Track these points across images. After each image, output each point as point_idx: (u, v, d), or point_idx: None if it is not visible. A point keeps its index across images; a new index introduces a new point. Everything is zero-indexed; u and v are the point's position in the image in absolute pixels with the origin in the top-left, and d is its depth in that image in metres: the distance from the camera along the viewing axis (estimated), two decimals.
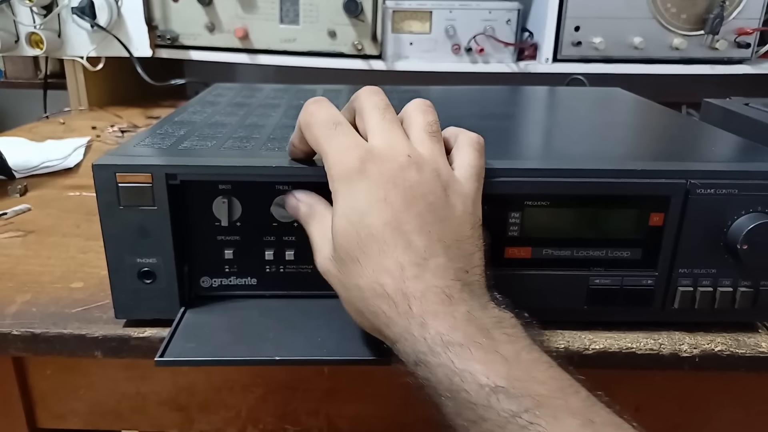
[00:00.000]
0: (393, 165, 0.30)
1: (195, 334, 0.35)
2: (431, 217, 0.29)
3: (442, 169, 0.31)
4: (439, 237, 0.29)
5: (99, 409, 0.43)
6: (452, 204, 0.30)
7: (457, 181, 0.31)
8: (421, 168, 0.30)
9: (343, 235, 0.29)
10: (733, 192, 0.35)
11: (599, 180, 0.35)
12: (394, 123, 0.32)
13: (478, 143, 0.33)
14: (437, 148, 0.32)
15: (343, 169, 0.30)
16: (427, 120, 0.33)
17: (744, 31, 0.89)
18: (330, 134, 0.31)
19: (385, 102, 0.33)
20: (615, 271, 0.37)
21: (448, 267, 0.28)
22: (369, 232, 0.29)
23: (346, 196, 0.30)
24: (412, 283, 0.28)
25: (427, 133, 0.32)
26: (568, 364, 0.37)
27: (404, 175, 0.30)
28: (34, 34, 0.89)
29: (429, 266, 0.28)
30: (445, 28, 0.91)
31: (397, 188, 0.29)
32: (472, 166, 0.32)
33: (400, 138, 0.31)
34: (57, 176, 0.66)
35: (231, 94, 0.58)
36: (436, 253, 0.28)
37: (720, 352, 0.37)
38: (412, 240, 0.28)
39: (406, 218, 0.29)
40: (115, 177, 0.34)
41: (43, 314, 0.38)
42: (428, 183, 0.30)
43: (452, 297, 0.27)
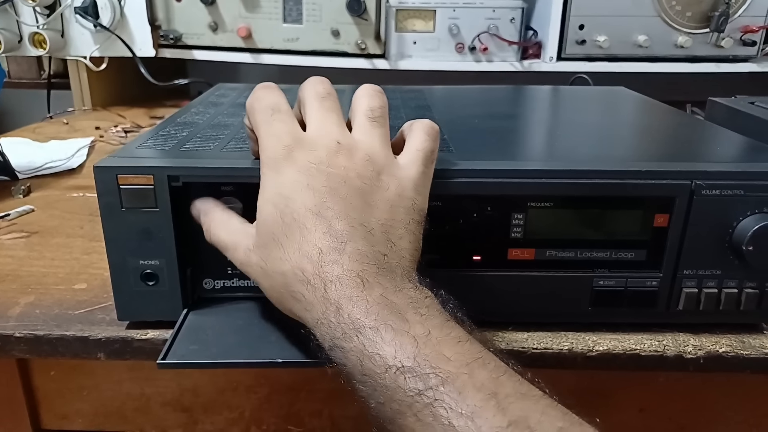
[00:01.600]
0: (321, 152, 0.30)
1: (198, 337, 0.35)
2: (357, 202, 0.29)
3: (377, 153, 0.31)
4: (362, 221, 0.29)
5: (103, 410, 0.43)
6: (385, 187, 0.30)
7: (397, 165, 0.31)
8: (352, 153, 0.30)
9: (268, 220, 0.30)
10: (739, 193, 0.35)
11: (603, 181, 0.35)
12: (331, 111, 0.32)
13: (431, 128, 0.33)
14: (376, 133, 0.32)
15: (272, 155, 0.31)
16: (371, 105, 0.33)
17: (750, 29, 0.89)
18: (267, 120, 0.32)
19: (327, 90, 0.33)
20: (619, 273, 0.37)
21: (366, 251, 0.28)
22: (292, 217, 0.29)
23: (273, 182, 0.30)
24: (329, 268, 0.28)
25: (367, 118, 0.32)
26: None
27: (331, 161, 0.30)
28: (37, 34, 0.89)
29: (346, 250, 0.28)
30: (449, 26, 0.91)
31: (322, 174, 0.30)
32: (419, 150, 0.32)
33: (333, 124, 0.32)
34: (60, 177, 0.67)
35: (234, 94, 0.58)
36: (355, 237, 0.28)
37: (725, 353, 0.37)
38: (332, 225, 0.29)
39: (329, 203, 0.29)
40: (116, 179, 0.34)
41: (47, 316, 0.38)
42: (357, 168, 0.30)
43: (366, 281, 0.27)
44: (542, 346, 0.37)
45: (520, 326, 0.38)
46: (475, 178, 0.35)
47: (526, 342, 0.37)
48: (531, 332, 0.38)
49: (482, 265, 0.36)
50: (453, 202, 0.35)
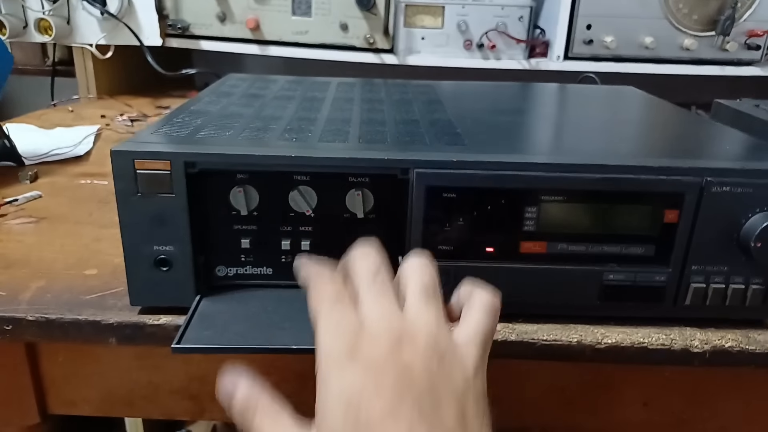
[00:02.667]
0: (383, 344, 0.28)
1: (211, 323, 0.35)
2: (430, 400, 0.27)
3: (439, 337, 0.29)
4: (441, 422, 0.27)
5: (110, 397, 0.43)
6: (452, 377, 0.28)
7: (457, 348, 0.30)
8: (414, 341, 0.28)
9: (340, 427, 0.27)
10: (748, 190, 0.35)
11: (615, 176, 0.35)
12: (386, 291, 0.31)
13: (492, 307, 0.32)
14: (433, 313, 0.30)
15: (334, 351, 0.28)
16: (423, 281, 0.31)
17: (755, 33, 0.89)
18: (329, 309, 0.30)
19: (378, 264, 0.31)
20: (628, 267, 0.37)
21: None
22: (367, 424, 0.26)
23: (338, 380, 0.28)
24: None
25: (422, 296, 0.31)
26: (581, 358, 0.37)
27: (396, 356, 0.28)
28: (42, 20, 0.89)
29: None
30: (458, 23, 0.91)
31: (389, 373, 0.27)
32: (479, 332, 0.30)
33: (389, 310, 0.30)
34: (67, 164, 0.67)
35: (245, 85, 0.58)
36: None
37: (731, 348, 0.37)
38: (413, 430, 0.26)
39: (403, 408, 0.27)
40: (133, 164, 0.34)
41: (58, 300, 0.39)
42: (423, 358, 0.28)
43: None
44: (551, 338, 0.37)
45: (530, 318, 0.39)
46: (490, 170, 0.35)
47: (536, 333, 0.37)
48: (541, 324, 0.38)
49: (495, 257, 0.37)
50: (467, 194, 0.35)
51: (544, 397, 0.43)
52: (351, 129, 0.41)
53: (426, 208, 0.35)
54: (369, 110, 0.48)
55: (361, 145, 0.37)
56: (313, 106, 0.49)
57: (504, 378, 0.43)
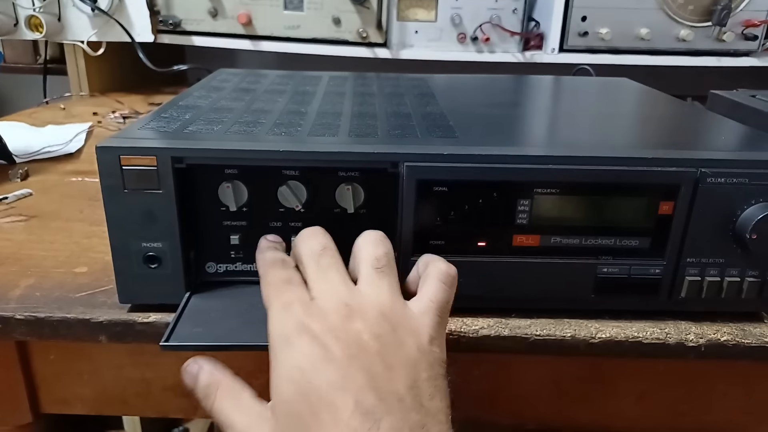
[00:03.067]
0: (332, 317, 0.29)
1: (201, 319, 0.35)
2: (380, 367, 0.28)
3: (391, 307, 0.30)
4: (391, 389, 0.27)
5: (104, 395, 0.43)
6: (404, 344, 0.29)
7: (411, 316, 0.30)
8: (364, 313, 0.29)
9: (290, 401, 0.27)
10: (744, 181, 0.35)
11: (609, 168, 0.35)
12: (332, 268, 0.31)
13: (447, 275, 0.32)
14: (385, 283, 0.31)
15: (282, 327, 0.29)
16: (376, 254, 0.32)
17: (751, 23, 0.89)
18: (278, 290, 0.31)
19: (322, 244, 0.32)
20: (623, 260, 0.37)
21: (404, 425, 0.26)
22: (317, 395, 0.27)
23: (287, 356, 0.28)
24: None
25: (374, 269, 0.31)
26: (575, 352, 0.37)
27: (345, 326, 0.28)
28: (33, 17, 0.88)
29: (382, 427, 0.26)
30: (451, 16, 0.90)
31: (339, 342, 0.28)
32: (433, 300, 0.31)
33: (337, 284, 0.30)
34: (58, 162, 0.66)
35: (236, 79, 0.57)
36: (389, 409, 0.26)
37: (726, 341, 0.37)
38: (360, 399, 0.26)
39: (352, 374, 0.27)
40: (119, 160, 0.34)
41: (47, 298, 0.38)
42: (373, 327, 0.29)
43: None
44: (545, 333, 0.37)
45: (523, 313, 0.38)
46: (481, 163, 0.34)
47: (529, 328, 0.37)
48: (534, 319, 0.38)
49: (487, 251, 0.36)
50: (459, 187, 0.35)
51: (539, 391, 0.43)
52: (341, 123, 0.41)
53: (417, 202, 0.35)
54: (360, 104, 0.47)
55: (351, 138, 0.37)
56: (304, 100, 0.48)
57: (498, 372, 0.42)
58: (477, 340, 0.37)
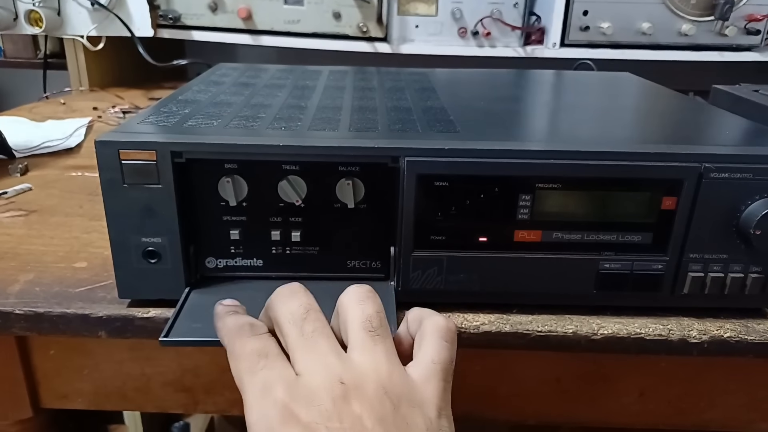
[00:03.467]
0: (325, 400, 0.24)
1: (200, 315, 0.35)
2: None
3: (390, 379, 0.26)
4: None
5: (104, 390, 0.43)
6: (411, 423, 0.25)
7: (414, 387, 0.26)
8: (362, 390, 0.25)
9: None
10: (748, 176, 0.34)
11: (612, 163, 0.34)
12: (318, 334, 0.27)
13: (447, 331, 0.28)
14: (380, 350, 0.26)
15: (261, 416, 0.24)
16: (366, 314, 0.27)
17: (754, 18, 0.88)
18: (252, 369, 0.26)
19: (304, 306, 0.28)
20: (625, 256, 0.36)
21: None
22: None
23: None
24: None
25: (366, 332, 0.27)
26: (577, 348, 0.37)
27: (341, 410, 0.24)
28: (33, 12, 0.88)
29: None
30: (452, 10, 0.90)
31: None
32: (436, 362, 0.27)
33: (327, 355, 0.26)
34: (58, 156, 0.66)
35: (235, 74, 0.57)
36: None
37: (729, 338, 0.37)
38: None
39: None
40: (118, 154, 0.33)
41: (47, 294, 0.38)
42: (375, 407, 0.24)
43: None
44: (546, 329, 0.37)
45: (524, 308, 0.38)
46: (482, 158, 0.34)
47: (531, 324, 0.37)
48: (536, 315, 0.38)
49: (488, 246, 0.36)
50: (460, 182, 0.35)
51: (540, 387, 0.43)
52: (342, 117, 0.40)
53: (417, 197, 0.34)
54: (361, 98, 0.47)
55: (352, 133, 0.37)
56: (303, 95, 0.48)
57: (499, 369, 0.42)
58: (478, 335, 0.37)
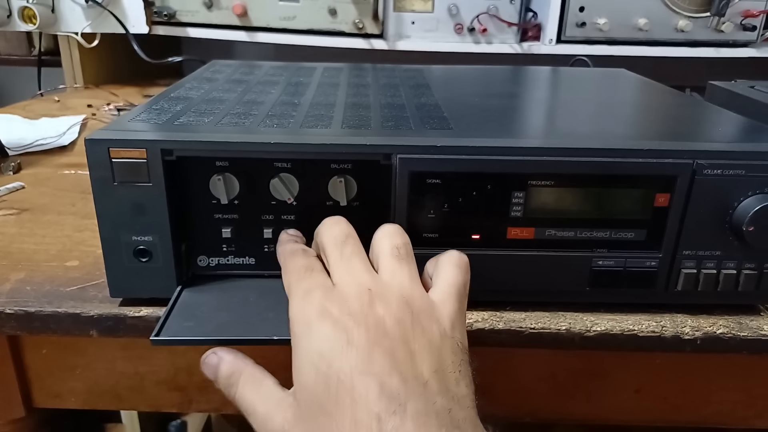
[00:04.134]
0: (354, 303, 0.28)
1: (192, 313, 0.34)
2: (404, 352, 0.27)
3: (413, 293, 0.30)
4: (415, 373, 0.27)
5: (97, 389, 0.43)
6: (427, 330, 0.28)
7: (433, 304, 0.30)
8: (386, 299, 0.29)
9: (311, 386, 0.27)
10: (740, 173, 0.34)
11: (605, 159, 0.34)
12: (355, 255, 0.31)
13: (460, 259, 0.32)
14: (406, 271, 0.31)
15: (302, 311, 0.29)
16: (394, 243, 0.32)
17: (750, 14, 0.88)
18: (299, 277, 0.31)
19: (345, 232, 0.32)
20: (618, 253, 0.36)
21: (429, 410, 0.26)
22: (338, 378, 0.26)
23: (308, 341, 0.28)
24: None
25: (394, 257, 0.31)
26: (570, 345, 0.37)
27: (367, 311, 0.28)
28: (26, 9, 0.87)
29: (408, 412, 0.25)
30: (448, 7, 0.89)
31: (361, 327, 0.27)
32: (451, 284, 0.31)
33: (360, 271, 0.30)
34: (51, 154, 0.65)
35: (229, 70, 0.57)
36: (415, 393, 0.26)
37: (722, 334, 0.37)
38: (385, 383, 0.26)
39: (375, 358, 0.26)
40: (108, 152, 0.33)
41: (38, 293, 0.38)
42: (396, 313, 0.28)
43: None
44: (540, 326, 0.37)
45: (518, 306, 0.38)
46: (475, 155, 0.34)
47: (524, 322, 0.37)
48: (529, 312, 0.37)
49: (481, 243, 0.36)
50: (452, 179, 0.34)
51: (536, 384, 0.43)
52: (335, 114, 0.40)
53: (410, 195, 0.34)
54: (354, 95, 0.47)
55: (344, 130, 0.37)
56: (297, 91, 0.48)
57: (495, 365, 0.42)
58: (471, 333, 0.36)
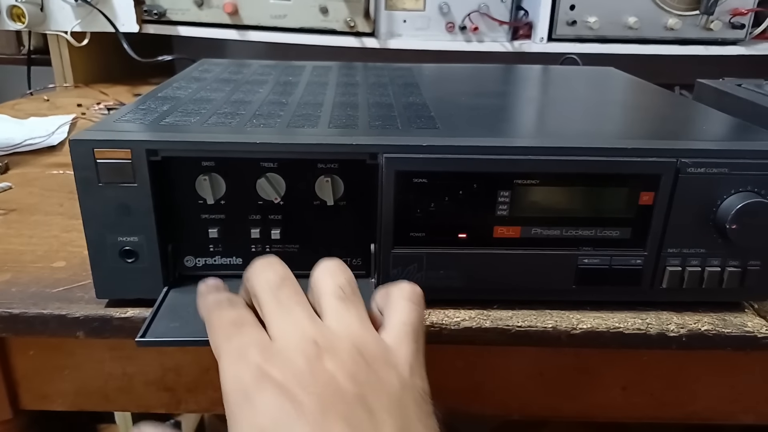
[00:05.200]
0: (298, 360, 0.25)
1: (178, 314, 0.34)
2: (362, 414, 0.24)
3: (365, 339, 0.26)
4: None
5: (85, 390, 0.43)
6: (385, 381, 0.25)
7: (388, 349, 0.27)
8: (335, 350, 0.25)
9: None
10: (723, 171, 0.35)
11: (589, 158, 0.34)
12: (294, 301, 0.27)
13: (414, 293, 0.29)
14: (354, 314, 0.27)
15: (238, 381, 0.25)
16: (337, 282, 0.28)
17: (739, 12, 0.88)
18: (228, 335, 0.27)
19: (280, 275, 0.28)
20: (604, 251, 0.36)
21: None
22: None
23: (249, 413, 0.24)
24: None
25: (339, 299, 0.28)
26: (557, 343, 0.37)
27: (314, 369, 0.24)
28: (15, 8, 0.86)
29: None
30: (439, 5, 0.89)
31: (309, 391, 0.24)
32: (405, 323, 0.28)
33: (302, 320, 0.26)
34: (40, 154, 0.65)
35: (218, 69, 0.57)
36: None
37: (707, 331, 0.37)
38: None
39: (329, 428, 0.23)
40: (93, 153, 0.33)
41: (24, 294, 0.38)
42: (348, 366, 0.25)
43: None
44: (526, 324, 0.37)
45: (505, 304, 0.38)
46: (461, 155, 0.34)
47: (511, 320, 0.37)
48: (516, 310, 0.38)
49: (468, 242, 0.36)
50: (438, 179, 0.34)
51: (524, 382, 0.43)
52: (322, 114, 0.40)
53: (396, 194, 0.34)
54: (343, 94, 0.47)
55: (331, 130, 0.37)
56: (285, 91, 0.48)
57: (483, 363, 0.42)
58: (459, 332, 0.37)
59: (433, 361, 0.29)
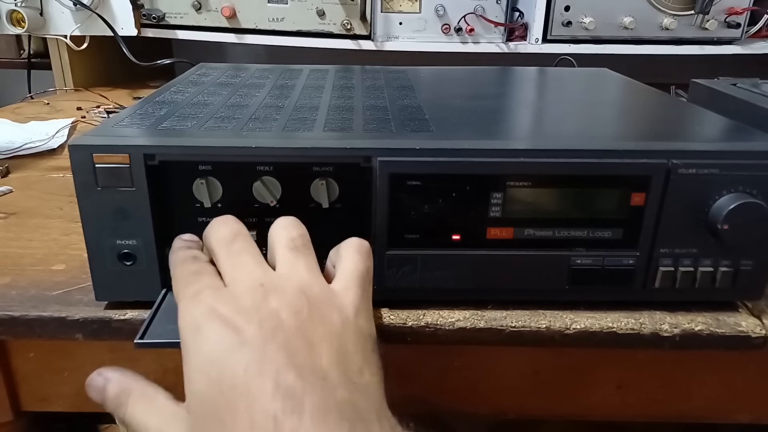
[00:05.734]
0: (245, 299, 0.27)
1: (177, 317, 0.35)
2: (300, 344, 0.25)
3: (310, 284, 0.28)
4: (313, 366, 0.25)
5: (84, 392, 0.43)
6: (327, 318, 0.27)
7: (333, 292, 0.29)
8: (280, 290, 0.27)
9: (202, 395, 0.25)
10: (715, 172, 0.35)
11: (581, 160, 0.35)
12: (245, 251, 0.30)
13: (361, 246, 0.32)
14: (302, 263, 0.29)
15: (189, 315, 0.27)
16: (290, 235, 0.31)
17: (734, 11, 0.89)
18: (185, 277, 0.30)
19: (234, 231, 0.31)
20: (596, 251, 0.37)
21: (330, 404, 0.24)
22: (232, 383, 0.24)
23: (197, 347, 0.26)
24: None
25: (289, 249, 0.30)
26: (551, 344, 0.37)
27: (259, 305, 0.27)
28: (15, 12, 0.87)
29: (306, 410, 0.23)
30: (435, 7, 0.90)
31: (252, 323, 0.26)
32: (352, 270, 0.30)
33: (249, 266, 0.29)
34: (40, 158, 0.66)
35: (216, 73, 0.57)
36: (313, 388, 0.24)
37: (700, 331, 0.37)
38: (280, 381, 0.24)
39: (269, 355, 0.25)
40: (91, 158, 0.33)
41: (23, 297, 0.38)
42: (292, 304, 0.27)
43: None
44: (520, 325, 0.37)
45: (498, 305, 0.38)
46: (454, 157, 0.34)
47: (505, 320, 0.37)
48: (509, 311, 0.38)
49: (461, 244, 0.36)
50: (432, 181, 0.35)
51: (519, 382, 0.44)
52: (317, 117, 0.41)
53: (390, 197, 0.35)
54: (338, 97, 0.47)
55: (326, 133, 0.37)
56: (282, 94, 0.48)
57: (478, 363, 0.43)
58: (453, 332, 0.37)
59: (428, 361, 0.30)
